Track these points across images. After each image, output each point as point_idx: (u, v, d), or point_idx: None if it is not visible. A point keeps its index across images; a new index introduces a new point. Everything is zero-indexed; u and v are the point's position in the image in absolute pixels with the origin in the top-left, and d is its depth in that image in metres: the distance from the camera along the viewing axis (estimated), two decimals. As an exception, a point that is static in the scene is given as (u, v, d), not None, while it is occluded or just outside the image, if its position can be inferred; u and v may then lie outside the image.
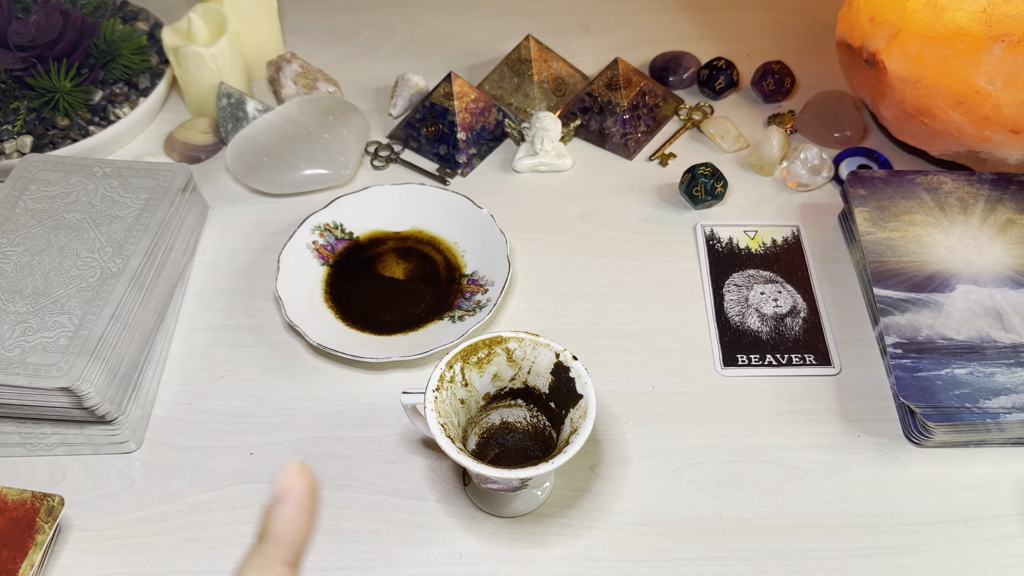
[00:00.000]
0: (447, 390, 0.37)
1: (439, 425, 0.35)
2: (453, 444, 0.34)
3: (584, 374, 0.36)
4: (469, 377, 0.38)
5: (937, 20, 0.51)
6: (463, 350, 0.38)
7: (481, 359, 0.38)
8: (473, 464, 0.34)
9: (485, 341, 0.38)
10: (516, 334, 0.38)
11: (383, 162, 0.62)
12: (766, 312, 0.51)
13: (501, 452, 0.41)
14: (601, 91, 0.62)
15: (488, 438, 0.42)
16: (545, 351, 0.37)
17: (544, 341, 0.37)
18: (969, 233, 0.51)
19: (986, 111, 0.52)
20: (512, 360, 0.38)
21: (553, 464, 0.33)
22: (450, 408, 0.37)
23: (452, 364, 0.37)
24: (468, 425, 0.40)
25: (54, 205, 0.51)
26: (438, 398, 0.36)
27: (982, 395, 0.43)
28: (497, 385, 0.40)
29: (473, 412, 0.40)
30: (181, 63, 0.61)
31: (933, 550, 0.41)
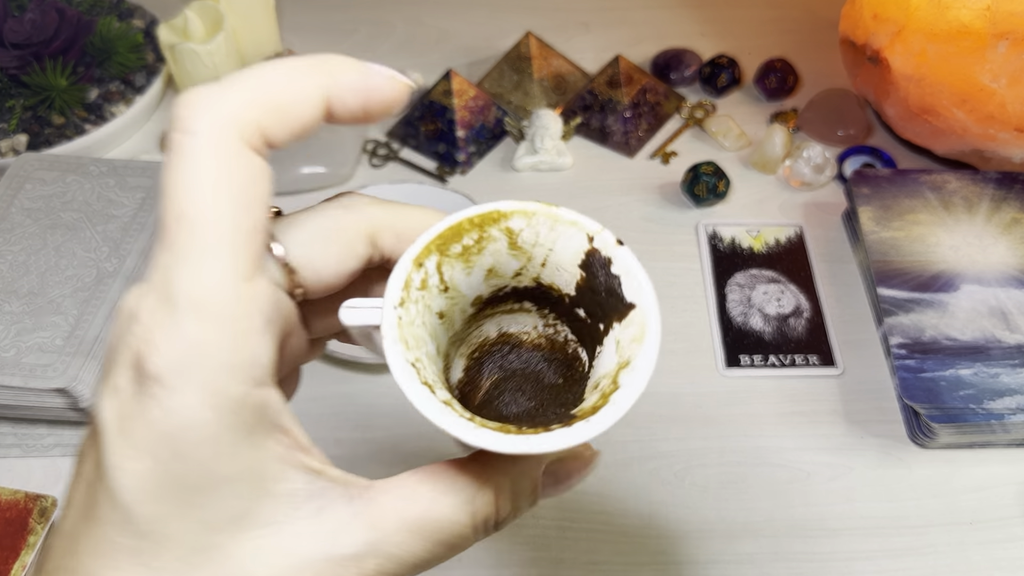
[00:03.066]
0: (417, 303, 0.23)
1: (409, 366, 0.21)
2: (433, 396, 0.21)
3: (637, 269, 0.23)
4: (451, 277, 0.24)
5: (941, 17, 0.51)
6: (440, 235, 0.23)
7: (468, 248, 0.24)
8: (470, 433, 0.20)
9: (473, 219, 0.24)
10: (523, 206, 0.24)
11: (381, 160, 0.62)
12: (769, 312, 0.51)
13: (501, 381, 0.28)
14: (602, 89, 0.62)
15: (478, 362, 0.28)
16: (571, 232, 0.24)
17: (569, 216, 0.24)
18: (974, 232, 0.50)
19: (991, 109, 0.51)
20: (517, 247, 0.24)
21: (595, 426, 0.20)
22: (423, 330, 0.23)
23: (422, 260, 0.23)
24: (450, 347, 0.26)
25: (50, 204, 0.50)
26: (403, 319, 0.22)
27: (987, 396, 0.43)
28: (493, 284, 0.25)
29: (457, 326, 0.26)
30: (177, 61, 0.60)
31: (937, 552, 0.41)
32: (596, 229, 0.24)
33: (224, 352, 0.16)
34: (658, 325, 0.22)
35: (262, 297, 0.18)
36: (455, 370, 0.27)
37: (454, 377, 0.27)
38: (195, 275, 0.16)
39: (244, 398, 0.17)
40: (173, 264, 0.16)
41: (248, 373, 0.17)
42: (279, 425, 0.18)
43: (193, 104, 0.17)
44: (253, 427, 0.17)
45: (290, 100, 0.18)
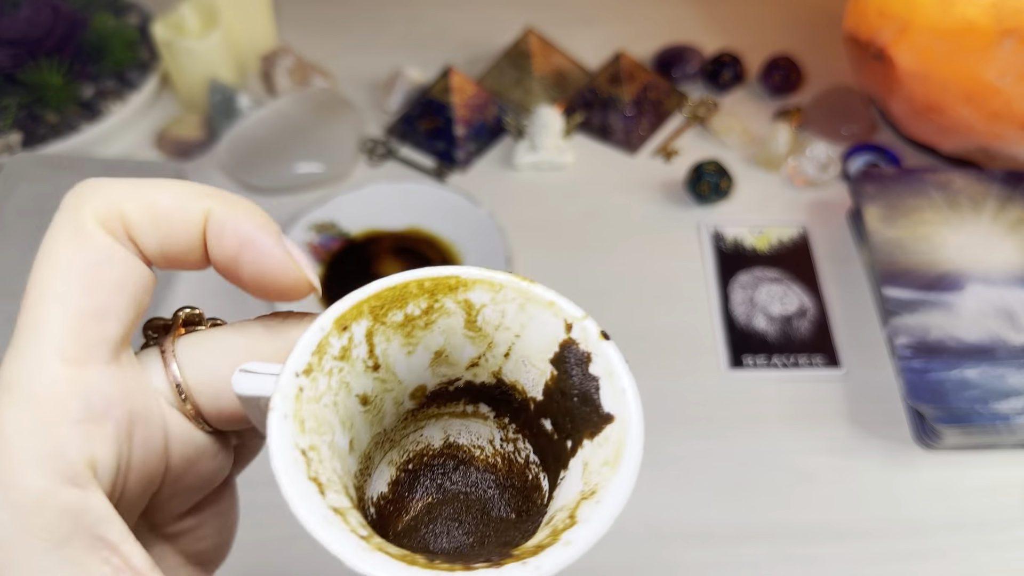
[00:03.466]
0: (332, 376, 0.18)
1: (297, 452, 0.17)
2: (320, 498, 0.16)
3: (621, 372, 0.18)
4: (384, 352, 0.19)
5: (946, 14, 0.50)
6: (377, 295, 0.19)
7: (412, 319, 0.19)
8: (357, 555, 0.15)
9: (424, 283, 0.19)
10: (490, 275, 0.19)
11: (379, 159, 0.61)
12: (773, 313, 0.50)
13: (437, 505, 0.22)
14: (603, 86, 0.61)
15: (413, 475, 0.22)
16: (545, 316, 0.19)
17: (545, 295, 0.19)
18: (980, 231, 0.50)
19: (996, 107, 0.51)
20: (475, 327, 0.20)
21: (532, 571, 0.15)
22: (333, 414, 0.19)
23: (348, 322, 0.19)
24: (374, 448, 0.21)
25: (44, 204, 0.49)
26: (306, 391, 0.18)
27: (993, 397, 0.42)
28: (442, 373, 0.21)
29: (389, 422, 0.21)
30: (173, 58, 0.60)
31: (943, 555, 0.40)
32: (577, 315, 0.19)
33: (26, 439, 0.14)
34: (639, 446, 0.17)
35: (91, 386, 0.15)
36: (377, 480, 0.21)
37: (374, 489, 0.21)
38: (14, 354, 0.15)
39: (46, 495, 0.14)
40: (11, 341, 0.15)
41: (53, 466, 0.14)
42: (104, 539, 0.15)
43: (78, 189, 0.16)
44: (64, 537, 0.14)
45: (167, 206, 0.17)
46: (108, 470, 0.16)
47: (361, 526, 0.16)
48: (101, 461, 0.15)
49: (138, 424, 0.17)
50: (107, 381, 0.16)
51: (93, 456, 0.15)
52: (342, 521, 0.16)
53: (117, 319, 0.16)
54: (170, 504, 0.19)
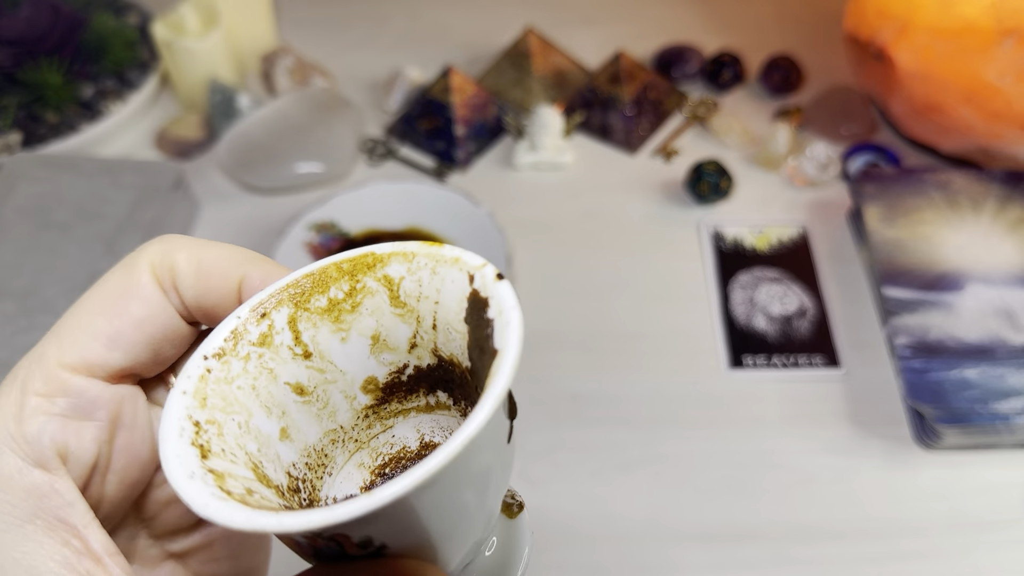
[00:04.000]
0: (249, 361, 0.18)
1: (187, 422, 0.17)
2: (199, 462, 0.16)
3: (510, 308, 0.17)
4: (314, 339, 0.19)
5: (946, 13, 0.50)
6: (296, 283, 0.19)
7: (337, 303, 0.19)
8: (205, 501, 0.15)
9: (342, 265, 0.19)
10: (402, 247, 0.19)
11: (379, 158, 0.61)
12: (773, 312, 0.50)
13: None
14: (603, 85, 0.61)
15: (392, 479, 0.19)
16: (452, 274, 0.19)
17: (451, 253, 0.19)
18: (979, 231, 0.50)
19: (997, 107, 0.51)
20: (400, 302, 0.19)
21: (403, 483, 0.14)
22: (252, 399, 0.18)
23: (267, 310, 0.19)
24: (330, 445, 0.21)
25: (43, 203, 0.49)
26: (214, 373, 0.18)
27: (993, 397, 0.42)
28: (387, 361, 0.20)
29: (345, 418, 0.21)
30: (173, 57, 0.60)
31: (943, 555, 0.40)
32: (477, 264, 0.18)
33: (7, 421, 0.16)
34: (506, 374, 0.16)
35: (80, 390, 0.17)
36: (343, 482, 0.20)
37: (338, 490, 0.20)
38: (34, 349, 0.17)
39: (14, 474, 0.15)
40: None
41: (24, 449, 0.15)
42: (66, 522, 0.16)
43: (153, 240, 0.19)
44: (27, 515, 0.15)
45: (210, 263, 0.19)
46: (82, 463, 0.17)
47: (249, 494, 0.16)
48: (75, 453, 0.16)
49: (122, 431, 0.18)
50: (97, 390, 0.17)
51: (66, 446, 0.16)
52: (215, 479, 0.16)
53: (124, 351, 0.17)
54: (164, 515, 0.19)
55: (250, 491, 0.16)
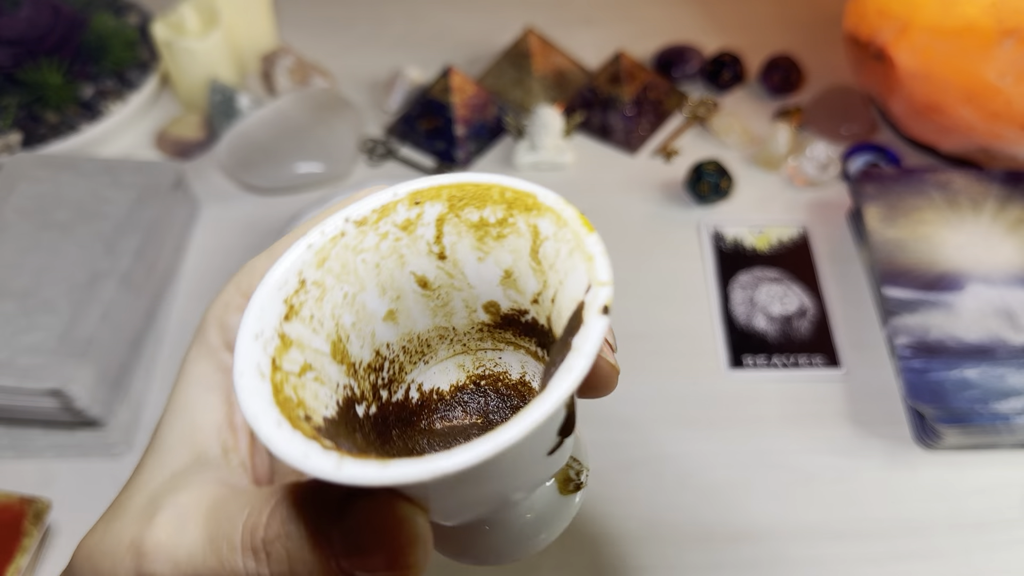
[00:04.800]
0: (386, 239, 0.18)
1: (295, 275, 0.17)
2: (281, 314, 0.17)
3: (586, 350, 0.15)
4: (453, 246, 0.19)
5: (947, 13, 0.50)
6: (460, 186, 0.19)
7: (486, 225, 0.19)
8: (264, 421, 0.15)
9: (506, 192, 0.18)
10: (560, 206, 0.18)
11: (379, 158, 0.61)
12: (773, 313, 0.50)
13: (472, 429, 0.21)
14: (603, 85, 0.61)
15: (482, 392, 0.22)
16: (581, 267, 0.17)
17: (591, 247, 0.17)
18: (979, 231, 0.50)
19: (997, 107, 0.51)
20: (537, 257, 0.19)
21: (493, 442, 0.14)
22: (371, 274, 0.18)
23: (422, 199, 0.18)
24: (437, 340, 0.21)
25: (43, 203, 0.49)
26: (345, 238, 0.18)
27: (993, 397, 0.42)
28: (512, 299, 0.20)
29: (460, 323, 0.21)
30: (173, 57, 0.60)
31: (943, 556, 0.40)
32: (601, 279, 0.16)
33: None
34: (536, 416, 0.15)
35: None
36: (436, 373, 0.21)
37: (427, 378, 0.21)
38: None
39: (213, 347, 0.21)
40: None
41: (224, 330, 0.21)
42: (229, 397, 0.21)
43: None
44: (212, 381, 0.21)
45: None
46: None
47: (303, 371, 0.17)
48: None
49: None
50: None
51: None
52: (276, 351, 0.16)
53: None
54: None
55: (307, 367, 0.17)
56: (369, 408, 0.19)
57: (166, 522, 0.18)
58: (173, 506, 0.18)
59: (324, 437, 0.16)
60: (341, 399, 0.18)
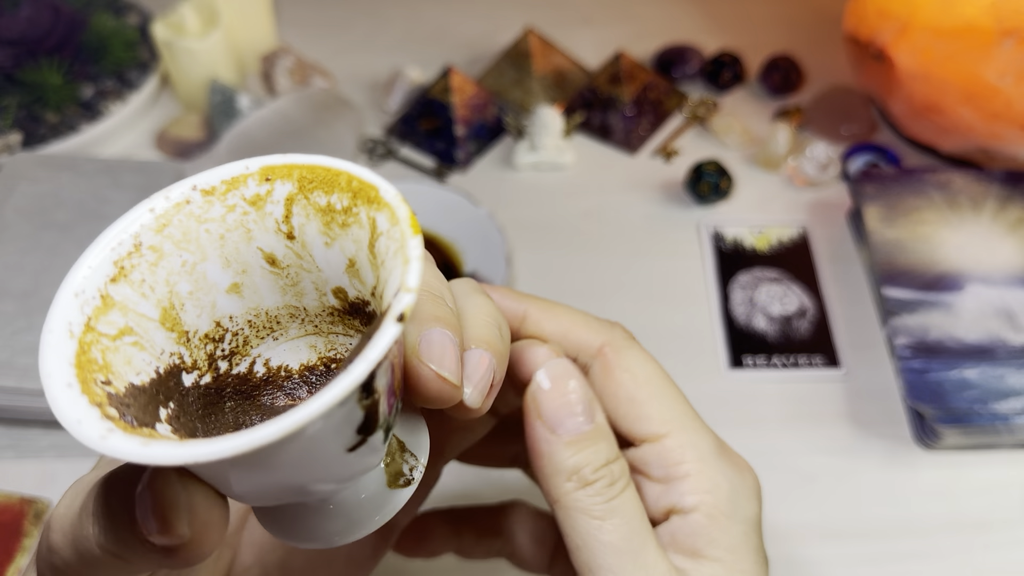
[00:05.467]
0: (233, 211, 0.18)
1: (129, 236, 0.17)
2: (107, 282, 0.17)
3: (361, 362, 0.15)
4: (302, 228, 0.19)
5: (947, 13, 0.50)
6: (309, 167, 0.19)
7: (332, 210, 0.19)
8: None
9: (352, 181, 0.19)
10: (396, 203, 0.18)
11: (379, 159, 0.61)
12: (773, 313, 0.50)
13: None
14: (603, 86, 0.61)
15: (332, 374, 0.21)
16: (398, 271, 0.17)
17: (412, 250, 0.17)
18: (979, 232, 0.50)
19: (997, 108, 0.51)
20: (373, 251, 0.18)
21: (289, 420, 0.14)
22: (214, 245, 0.18)
23: (272, 175, 0.18)
24: (288, 318, 0.21)
25: (43, 203, 0.49)
26: (190, 206, 0.18)
27: (992, 397, 0.42)
28: (357, 288, 0.20)
29: (311, 304, 0.20)
30: (173, 58, 0.60)
31: (943, 556, 0.40)
32: (409, 284, 0.16)
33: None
34: (325, 399, 0.15)
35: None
36: (285, 351, 0.21)
37: (275, 355, 0.21)
38: None
39: None
40: None
41: None
42: None
43: None
44: None
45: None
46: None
47: (122, 334, 0.17)
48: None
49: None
50: None
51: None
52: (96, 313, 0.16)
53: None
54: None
55: (126, 330, 0.17)
56: (202, 377, 0.19)
57: (66, 497, 0.19)
58: (77, 483, 0.19)
59: (115, 404, 0.16)
60: (165, 366, 0.18)
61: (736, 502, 0.23)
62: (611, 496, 0.22)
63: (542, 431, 0.23)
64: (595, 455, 0.22)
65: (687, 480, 0.23)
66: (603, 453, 0.23)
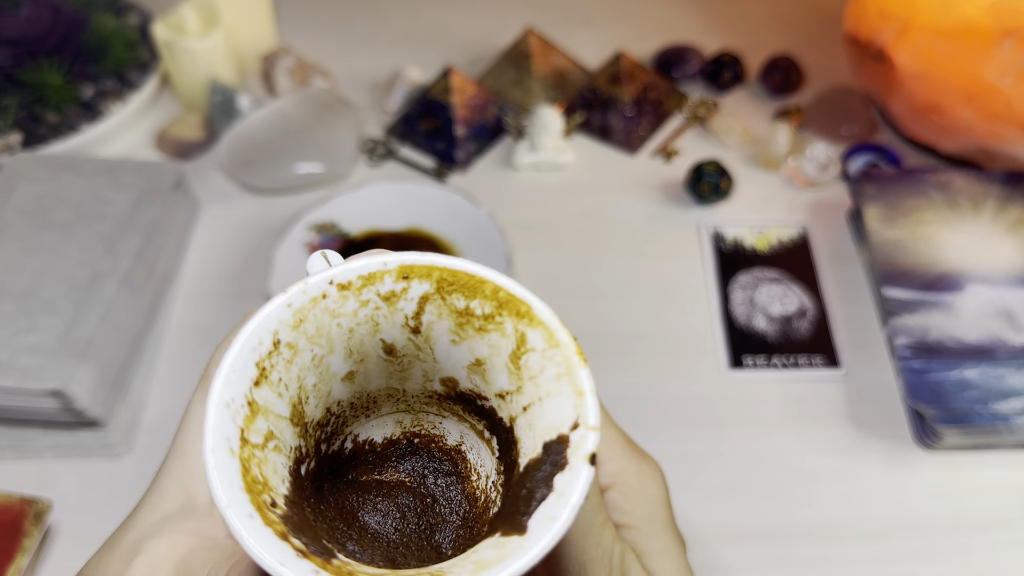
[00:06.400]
0: (365, 307, 0.18)
1: (269, 335, 0.17)
2: (252, 381, 0.16)
3: (572, 501, 0.16)
4: (430, 325, 0.19)
5: (947, 14, 0.50)
6: (451, 271, 0.18)
7: (471, 315, 0.18)
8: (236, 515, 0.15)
9: (499, 291, 0.18)
10: (555, 325, 0.18)
11: (379, 159, 0.61)
12: (773, 313, 0.50)
13: (402, 488, 0.21)
14: (603, 86, 0.61)
15: (413, 448, 0.22)
16: (568, 398, 0.17)
17: (582, 383, 0.17)
18: (979, 232, 0.50)
19: (996, 108, 0.51)
20: (517, 363, 0.18)
21: None
22: (342, 338, 0.18)
23: (410, 273, 0.18)
24: (385, 398, 0.21)
25: (44, 204, 0.49)
26: (325, 301, 0.18)
27: (992, 397, 0.42)
28: (475, 384, 0.20)
29: (412, 387, 0.21)
30: (173, 58, 0.60)
31: (942, 556, 0.40)
32: (591, 423, 0.16)
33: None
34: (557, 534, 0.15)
35: None
36: (374, 426, 0.21)
37: (363, 430, 0.21)
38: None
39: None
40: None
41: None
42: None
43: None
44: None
45: None
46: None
47: (268, 440, 0.16)
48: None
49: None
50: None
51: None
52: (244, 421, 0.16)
53: None
54: None
55: (269, 436, 0.16)
56: (310, 464, 0.19)
57: (141, 565, 0.19)
58: (150, 551, 0.20)
59: (293, 531, 0.15)
60: (292, 463, 0.18)
61: (642, 482, 0.26)
62: None
63: None
64: None
65: (602, 466, 0.26)
66: None
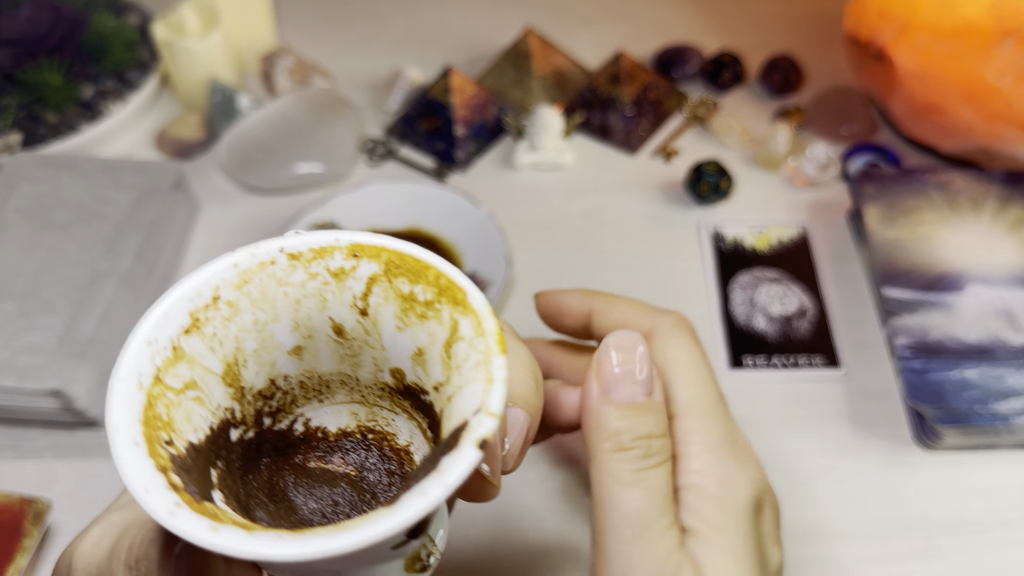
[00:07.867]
0: (314, 280, 0.18)
1: (210, 288, 0.17)
2: (181, 335, 0.16)
3: (437, 484, 0.16)
4: (376, 308, 0.19)
5: (946, 13, 0.50)
6: (399, 253, 0.19)
7: (414, 300, 0.19)
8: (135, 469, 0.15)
9: (441, 278, 0.18)
10: (484, 313, 0.18)
11: (379, 159, 0.61)
12: (773, 313, 0.50)
13: (346, 478, 0.21)
14: (603, 86, 0.61)
15: (365, 444, 0.22)
16: (479, 385, 0.17)
17: (497, 371, 0.17)
18: (979, 232, 0.50)
19: (996, 107, 0.51)
20: (448, 352, 0.19)
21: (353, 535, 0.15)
22: (288, 309, 0.18)
23: (361, 252, 0.18)
24: (339, 385, 0.21)
25: (43, 203, 0.49)
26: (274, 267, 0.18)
27: (992, 397, 0.42)
28: (419, 376, 0.20)
29: (365, 376, 0.21)
30: (173, 58, 0.60)
31: (943, 556, 0.40)
32: (493, 409, 0.16)
33: None
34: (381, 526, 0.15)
35: None
36: (328, 414, 0.21)
37: (318, 416, 0.21)
38: None
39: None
40: None
41: None
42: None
43: None
44: None
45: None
46: None
47: (187, 388, 0.17)
48: None
49: None
50: None
51: None
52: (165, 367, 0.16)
53: None
54: None
55: (190, 384, 0.17)
56: (246, 432, 0.19)
57: (92, 535, 0.20)
58: (104, 522, 0.20)
59: (178, 469, 0.15)
60: (217, 421, 0.18)
61: (726, 487, 0.24)
62: (641, 467, 0.23)
63: (595, 390, 0.24)
64: (639, 425, 0.23)
65: (685, 460, 0.24)
66: (647, 426, 0.24)
